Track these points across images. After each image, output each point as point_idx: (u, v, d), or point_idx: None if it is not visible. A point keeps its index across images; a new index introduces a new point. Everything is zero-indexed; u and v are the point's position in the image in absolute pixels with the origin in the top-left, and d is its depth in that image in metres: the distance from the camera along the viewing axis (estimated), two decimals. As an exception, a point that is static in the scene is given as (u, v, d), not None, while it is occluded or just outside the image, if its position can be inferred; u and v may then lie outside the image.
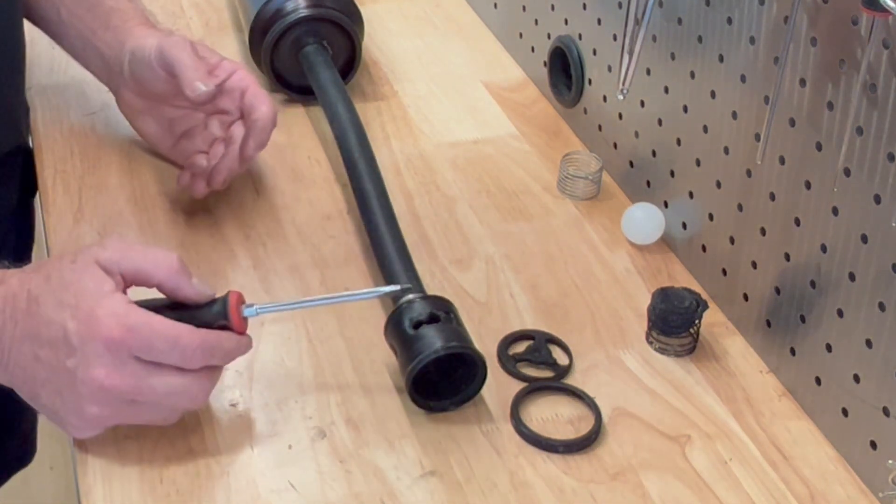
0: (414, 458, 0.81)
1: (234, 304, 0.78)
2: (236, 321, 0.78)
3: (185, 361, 0.75)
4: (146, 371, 0.74)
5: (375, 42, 1.32)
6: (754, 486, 0.81)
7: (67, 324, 0.74)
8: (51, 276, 0.76)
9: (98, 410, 0.75)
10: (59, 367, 0.74)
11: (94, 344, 0.73)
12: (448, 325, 0.84)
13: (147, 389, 0.75)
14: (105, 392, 0.74)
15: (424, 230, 1.03)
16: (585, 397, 0.86)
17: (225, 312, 0.78)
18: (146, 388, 0.75)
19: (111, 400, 0.75)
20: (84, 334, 0.73)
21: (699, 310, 0.90)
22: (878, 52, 0.74)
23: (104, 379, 0.73)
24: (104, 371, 0.73)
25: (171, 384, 0.75)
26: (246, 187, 1.06)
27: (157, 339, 0.74)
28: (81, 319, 0.73)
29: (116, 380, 0.74)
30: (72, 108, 1.15)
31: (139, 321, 0.74)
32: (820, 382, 0.85)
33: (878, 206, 0.77)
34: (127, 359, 0.74)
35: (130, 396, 0.75)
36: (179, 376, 0.75)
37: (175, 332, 0.74)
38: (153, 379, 0.75)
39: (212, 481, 0.79)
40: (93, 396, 0.74)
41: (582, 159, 1.10)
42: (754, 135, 0.89)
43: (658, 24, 0.99)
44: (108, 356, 0.73)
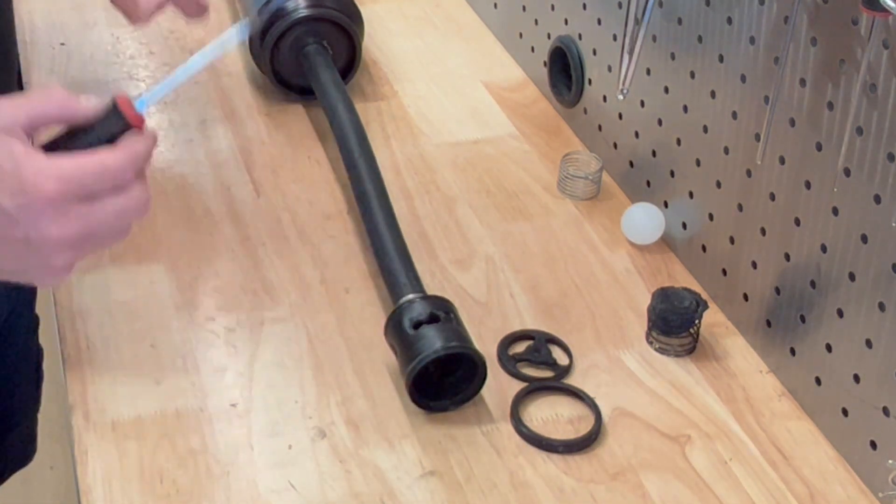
0: (414, 458, 0.81)
1: (126, 105, 0.78)
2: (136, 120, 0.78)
3: (119, 179, 0.76)
4: (90, 207, 0.75)
5: (375, 42, 1.32)
6: (754, 486, 0.81)
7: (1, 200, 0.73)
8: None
9: (63, 259, 0.76)
10: (7, 238, 0.75)
11: (34, 208, 0.74)
12: (448, 325, 0.84)
13: (99, 222, 0.76)
14: (63, 242, 0.75)
15: (424, 230, 1.03)
16: (585, 397, 0.86)
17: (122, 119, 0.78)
18: (97, 221, 0.76)
19: (71, 245, 0.76)
20: (21, 202, 0.74)
21: (699, 310, 0.90)
22: (878, 52, 0.74)
23: (56, 233, 0.74)
24: (55, 226, 0.74)
25: (116, 205, 0.76)
26: (246, 187, 1.06)
27: (88, 177, 0.75)
28: (10, 190, 0.74)
29: (69, 228, 0.75)
30: (72, 108, 1.15)
31: (66, 168, 0.74)
32: (820, 382, 0.85)
33: (878, 206, 0.77)
34: (70, 206, 0.74)
35: (85, 235, 0.76)
36: (119, 195, 0.76)
37: (100, 161, 0.75)
38: (99, 211, 0.76)
39: (212, 481, 0.79)
40: (53, 250, 0.75)
41: (582, 159, 1.10)
42: (754, 135, 0.89)
43: (658, 24, 0.99)
44: (52, 212, 0.74)
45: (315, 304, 0.94)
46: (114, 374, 0.86)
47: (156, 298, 0.93)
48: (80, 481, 0.79)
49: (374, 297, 0.95)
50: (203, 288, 0.95)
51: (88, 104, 0.78)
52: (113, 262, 0.97)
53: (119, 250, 0.98)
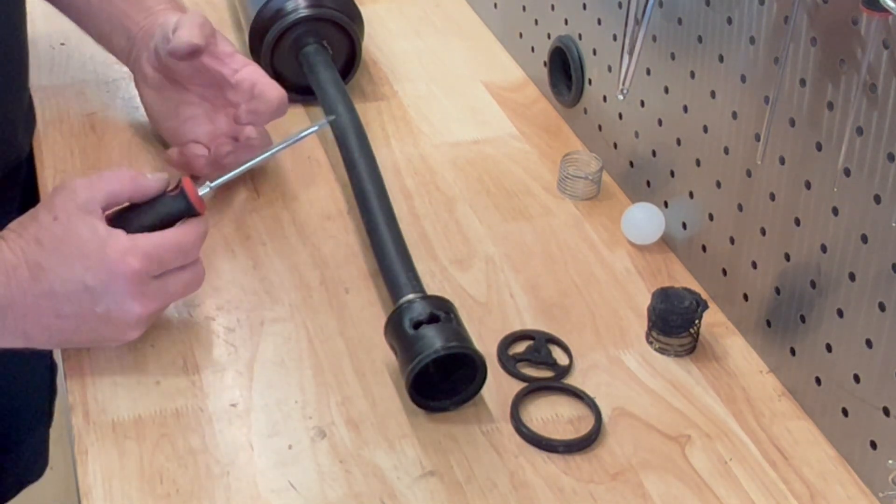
0: (414, 458, 0.81)
1: (193, 191, 0.86)
2: (198, 204, 0.86)
3: (189, 257, 0.84)
4: (164, 283, 0.82)
5: (375, 42, 1.32)
6: (754, 486, 0.81)
7: (84, 277, 0.79)
8: (42, 240, 0.80)
9: (137, 331, 0.83)
10: (88, 314, 0.80)
11: (118, 284, 0.79)
12: (448, 325, 0.84)
13: (171, 296, 0.84)
14: (140, 320, 0.81)
15: (424, 230, 1.03)
16: (585, 397, 0.86)
17: (188, 203, 0.85)
18: (170, 295, 0.84)
19: (146, 318, 0.82)
20: (105, 279, 0.79)
21: (699, 310, 0.90)
22: (878, 52, 0.74)
23: (139, 309, 0.81)
24: (137, 303, 0.80)
25: (183, 280, 0.84)
26: (246, 187, 1.06)
27: (167, 254, 0.81)
28: (96, 268, 0.79)
29: (148, 305, 0.81)
30: (72, 108, 1.15)
31: (148, 247, 0.80)
32: (820, 382, 0.85)
33: (878, 206, 0.77)
34: (148, 282, 0.81)
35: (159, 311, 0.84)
36: (186, 270, 0.84)
37: (175, 240, 0.82)
38: (171, 286, 0.83)
39: (212, 481, 0.79)
40: (131, 325, 0.81)
41: (582, 159, 1.10)
42: (754, 135, 0.89)
43: (658, 24, 0.99)
44: (134, 288, 0.80)
45: (315, 304, 0.94)
46: (114, 374, 0.86)
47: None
48: (80, 481, 0.79)
49: (374, 297, 0.95)
50: (203, 288, 0.94)
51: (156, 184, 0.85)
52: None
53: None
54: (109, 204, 0.83)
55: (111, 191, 0.82)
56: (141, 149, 1.10)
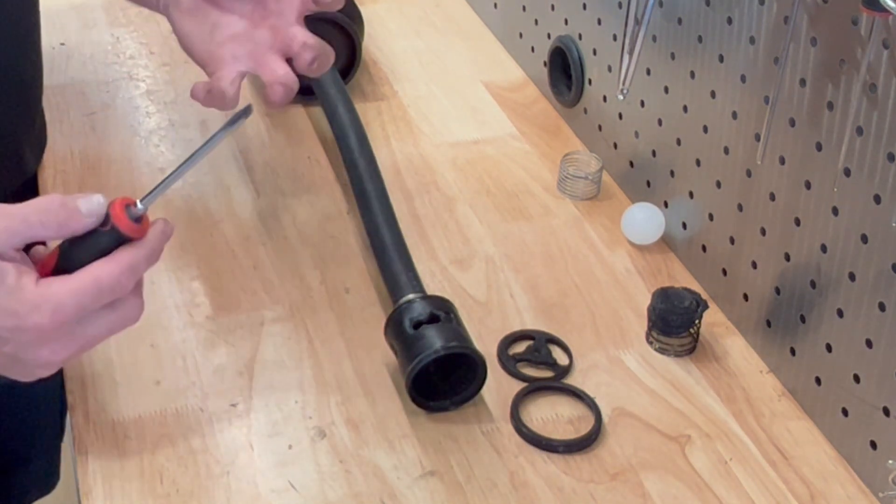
0: (414, 458, 0.81)
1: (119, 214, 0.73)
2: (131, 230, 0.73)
3: (117, 293, 0.73)
4: (84, 326, 0.73)
5: (375, 42, 1.32)
6: (754, 486, 0.81)
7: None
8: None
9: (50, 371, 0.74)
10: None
11: (26, 334, 0.71)
12: (448, 325, 0.84)
13: (91, 340, 0.74)
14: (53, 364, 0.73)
15: (424, 230, 1.03)
16: (585, 397, 0.86)
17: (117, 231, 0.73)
18: (90, 338, 0.74)
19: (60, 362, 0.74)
20: (12, 329, 0.71)
21: (699, 310, 0.90)
22: (878, 52, 0.74)
23: (50, 356, 0.72)
24: (47, 349, 0.72)
25: (110, 320, 0.74)
26: (246, 187, 1.06)
27: (85, 298, 0.72)
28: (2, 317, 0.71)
29: (62, 351, 0.73)
30: (72, 108, 1.15)
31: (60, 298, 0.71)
32: (820, 382, 0.85)
33: (878, 206, 0.77)
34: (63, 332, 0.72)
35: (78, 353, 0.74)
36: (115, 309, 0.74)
37: (92, 279, 0.72)
38: (92, 328, 0.73)
39: (212, 481, 0.78)
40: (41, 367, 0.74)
41: (582, 159, 1.10)
42: (754, 135, 0.89)
43: (658, 24, 0.99)
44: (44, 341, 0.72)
45: (315, 304, 0.94)
46: (114, 374, 0.86)
47: (156, 298, 0.93)
48: (80, 481, 0.79)
49: (374, 297, 0.95)
50: (203, 288, 0.95)
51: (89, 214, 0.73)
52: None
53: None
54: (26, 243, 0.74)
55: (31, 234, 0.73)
56: (141, 149, 1.10)
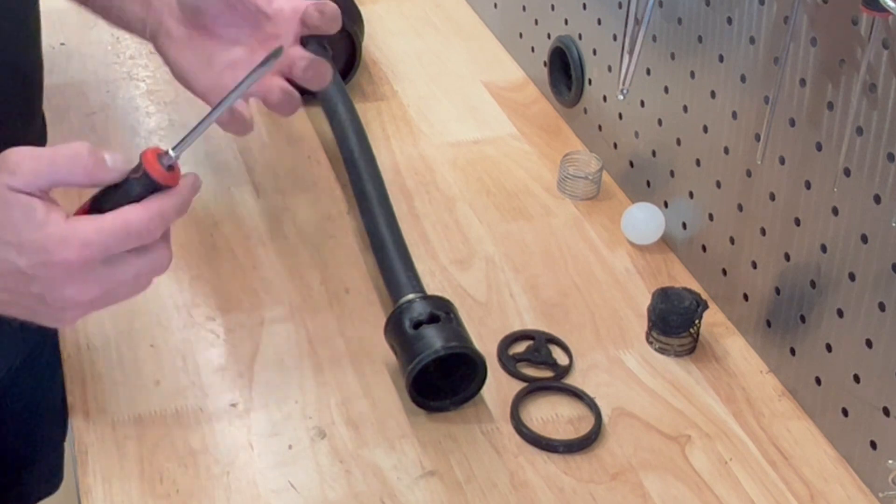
0: (414, 458, 0.81)
1: (152, 161, 0.74)
2: (163, 178, 0.74)
3: (145, 239, 0.73)
4: (111, 268, 0.73)
5: (375, 42, 1.32)
6: (754, 486, 0.81)
7: (17, 261, 0.72)
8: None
9: (76, 313, 0.75)
10: (23, 293, 0.73)
11: (53, 270, 0.72)
12: (448, 325, 0.84)
13: (118, 283, 0.74)
14: (79, 303, 0.73)
15: (424, 230, 1.03)
16: (585, 397, 0.86)
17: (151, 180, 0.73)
18: (116, 282, 0.74)
19: (86, 304, 0.74)
20: (39, 265, 0.72)
21: (699, 310, 0.90)
22: (878, 52, 0.74)
23: (75, 295, 0.73)
24: (73, 289, 0.72)
25: (136, 266, 0.74)
26: (246, 187, 1.06)
27: (111, 240, 0.72)
28: (30, 253, 0.72)
29: (87, 292, 0.73)
30: (72, 108, 1.15)
31: (88, 233, 0.72)
32: (820, 382, 0.85)
33: (878, 206, 0.77)
34: (90, 269, 0.72)
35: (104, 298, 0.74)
36: (141, 255, 0.74)
37: (122, 221, 0.72)
38: (119, 271, 0.73)
39: (212, 481, 0.78)
40: (68, 308, 0.74)
41: (582, 159, 1.10)
42: (754, 135, 0.89)
43: (658, 24, 0.99)
44: (71, 276, 0.72)
45: (315, 304, 0.94)
46: (114, 374, 0.86)
47: (156, 298, 0.93)
48: (80, 481, 0.79)
49: (374, 297, 0.95)
50: (203, 288, 0.95)
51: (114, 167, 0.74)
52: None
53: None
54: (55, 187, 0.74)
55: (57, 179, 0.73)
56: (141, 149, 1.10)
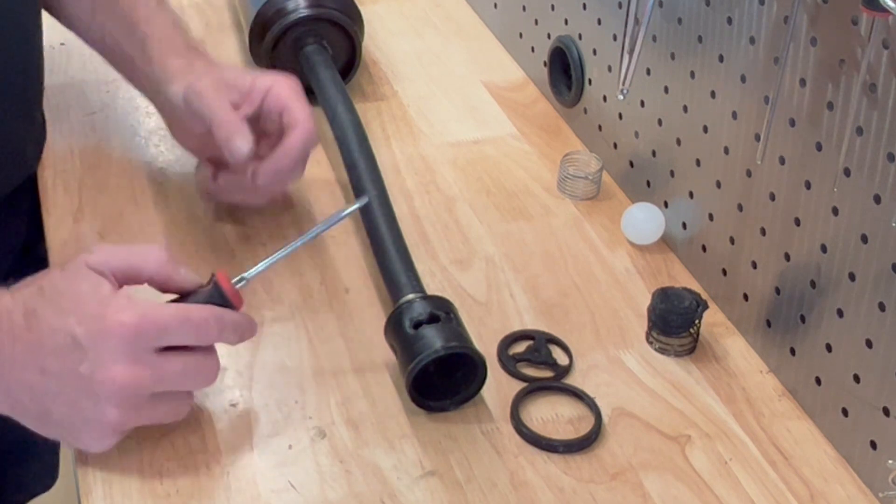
0: (414, 458, 0.81)
1: (225, 281, 0.79)
2: (231, 293, 0.79)
3: (200, 337, 0.75)
4: (161, 358, 0.74)
5: (375, 42, 1.32)
6: (754, 486, 0.81)
7: (74, 329, 0.72)
8: (44, 288, 0.75)
9: (118, 413, 0.74)
10: (70, 374, 0.73)
11: (106, 342, 0.72)
12: (448, 325, 0.84)
13: (165, 376, 0.74)
14: (124, 389, 0.73)
15: (424, 230, 1.03)
16: (585, 397, 0.86)
17: (219, 292, 0.78)
18: (163, 374, 0.74)
19: (130, 397, 0.74)
20: (95, 335, 0.72)
21: (699, 310, 0.90)
22: (878, 52, 0.74)
23: (122, 375, 0.72)
24: (121, 368, 0.72)
25: (186, 363, 0.75)
26: (246, 187, 1.06)
27: (170, 321, 0.74)
28: (88, 322, 0.73)
29: (135, 374, 0.73)
30: (72, 108, 1.15)
31: (147, 309, 0.74)
32: (820, 382, 0.85)
33: (878, 206, 0.77)
34: (142, 351, 0.73)
35: (149, 388, 0.74)
36: (192, 355, 0.76)
37: (185, 311, 0.75)
38: (168, 364, 0.74)
39: (212, 481, 0.78)
40: (112, 397, 0.73)
41: (582, 159, 1.10)
42: (754, 135, 0.89)
43: (658, 24, 0.99)
44: (122, 351, 0.72)
45: (315, 304, 0.94)
46: (114, 374, 0.86)
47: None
48: (80, 481, 0.79)
49: (374, 297, 0.95)
50: (203, 288, 0.95)
51: (186, 278, 0.78)
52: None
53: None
54: (126, 276, 0.77)
55: (131, 264, 0.77)
56: (141, 149, 1.10)
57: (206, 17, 1.34)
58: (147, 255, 0.77)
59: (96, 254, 0.76)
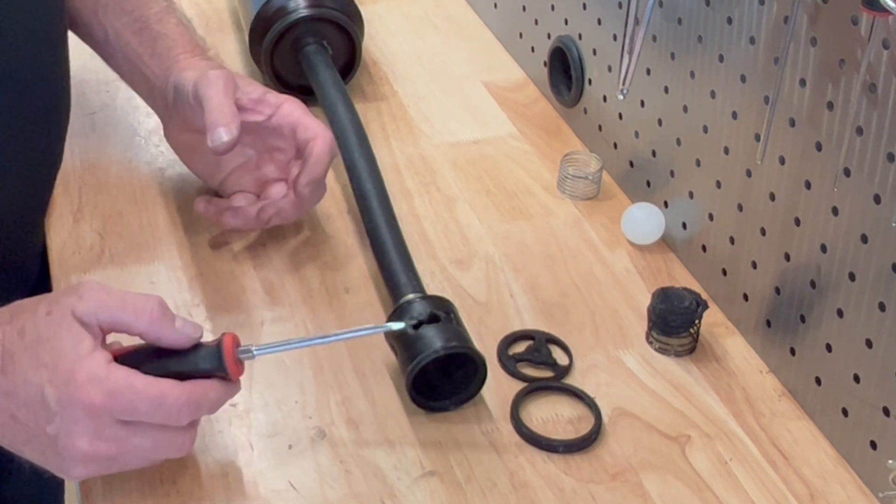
0: (414, 458, 0.81)
1: (230, 349, 0.74)
2: (232, 368, 0.74)
3: (171, 420, 0.72)
4: (129, 432, 0.72)
5: (375, 42, 1.32)
6: (754, 486, 0.81)
7: (45, 388, 0.70)
8: (25, 331, 0.72)
9: (84, 471, 0.73)
10: (38, 431, 0.71)
11: (73, 411, 0.70)
12: (448, 325, 0.84)
13: (131, 450, 0.73)
14: (88, 458, 0.72)
15: (424, 230, 1.03)
16: (585, 397, 0.86)
17: (220, 359, 0.74)
18: (130, 449, 0.73)
19: (95, 463, 0.73)
20: (63, 400, 0.70)
21: (699, 310, 0.90)
22: (878, 52, 0.74)
23: (86, 447, 0.71)
24: (86, 439, 0.71)
25: (156, 440, 0.73)
26: (246, 187, 1.06)
27: (140, 402, 0.71)
28: (59, 384, 0.70)
29: (99, 447, 0.71)
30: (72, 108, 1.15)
31: (120, 385, 0.71)
32: (820, 382, 0.85)
33: (878, 206, 0.77)
34: (109, 424, 0.71)
35: (113, 457, 0.73)
36: (163, 432, 0.73)
37: (158, 392, 0.71)
38: (136, 439, 0.72)
39: (212, 481, 0.78)
40: (76, 462, 0.72)
41: (582, 159, 1.10)
42: (754, 135, 0.89)
43: (658, 24, 0.99)
44: (88, 423, 0.71)
45: (315, 304, 0.94)
46: (114, 374, 0.86)
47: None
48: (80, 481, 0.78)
49: (374, 297, 0.95)
50: (203, 288, 0.95)
51: (181, 334, 0.74)
52: (113, 261, 0.97)
53: (119, 249, 0.98)
54: (114, 329, 0.74)
55: (121, 319, 0.73)
56: (141, 149, 1.10)
57: (205, 17, 1.34)
58: (139, 312, 0.73)
59: (85, 301, 0.72)
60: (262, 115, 0.95)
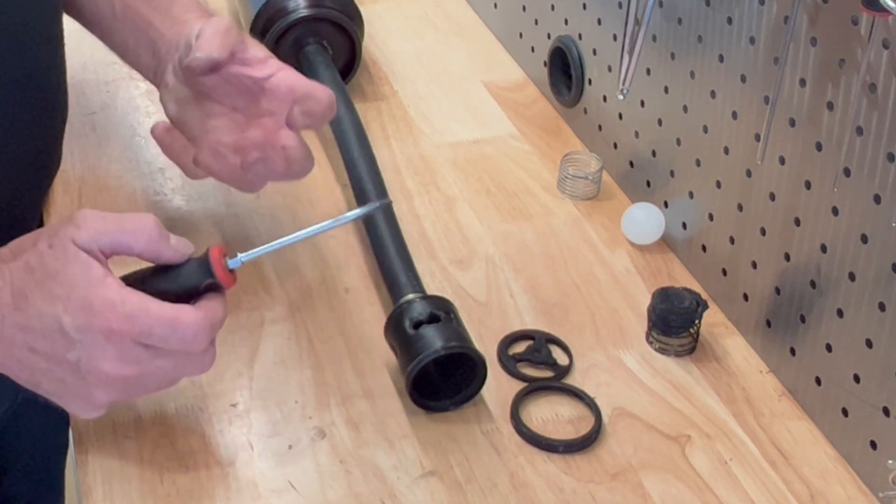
0: (414, 458, 0.81)
1: (217, 259, 0.76)
2: (223, 277, 0.76)
3: (187, 346, 0.74)
4: (151, 353, 0.73)
5: (375, 42, 1.32)
6: (754, 486, 0.81)
7: (62, 317, 0.72)
8: (32, 267, 0.73)
9: (106, 395, 0.74)
10: (59, 358, 0.73)
11: (94, 336, 0.72)
12: (448, 325, 0.84)
13: (154, 371, 0.74)
14: (112, 380, 0.73)
15: (424, 230, 1.03)
16: (585, 397, 0.86)
17: (209, 270, 0.76)
18: (153, 370, 0.74)
19: (119, 385, 0.74)
20: (82, 327, 0.72)
21: (699, 310, 0.90)
22: (878, 52, 0.74)
23: (111, 370, 0.72)
24: (109, 363, 0.72)
25: (176, 362, 0.74)
26: (246, 187, 1.06)
27: (156, 326, 0.72)
28: (76, 312, 0.72)
29: (123, 369, 0.73)
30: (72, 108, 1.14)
31: (136, 309, 0.72)
32: (820, 382, 0.85)
33: (878, 206, 0.77)
34: (131, 346, 0.72)
35: (136, 379, 0.74)
36: (183, 355, 0.74)
37: (172, 316, 0.73)
38: (158, 360, 0.74)
39: (212, 481, 0.78)
40: (100, 385, 0.73)
41: (582, 159, 1.10)
42: (754, 135, 0.89)
43: (658, 24, 0.99)
44: (110, 347, 0.72)
45: (315, 304, 0.94)
46: (114, 374, 0.86)
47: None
48: (80, 481, 0.79)
49: (374, 297, 0.95)
50: (203, 288, 0.95)
51: (177, 250, 0.76)
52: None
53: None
54: (115, 252, 0.75)
55: (120, 241, 0.74)
56: (141, 149, 1.10)
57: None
58: (137, 232, 0.75)
59: (84, 229, 0.74)
60: (262, 73, 0.91)
